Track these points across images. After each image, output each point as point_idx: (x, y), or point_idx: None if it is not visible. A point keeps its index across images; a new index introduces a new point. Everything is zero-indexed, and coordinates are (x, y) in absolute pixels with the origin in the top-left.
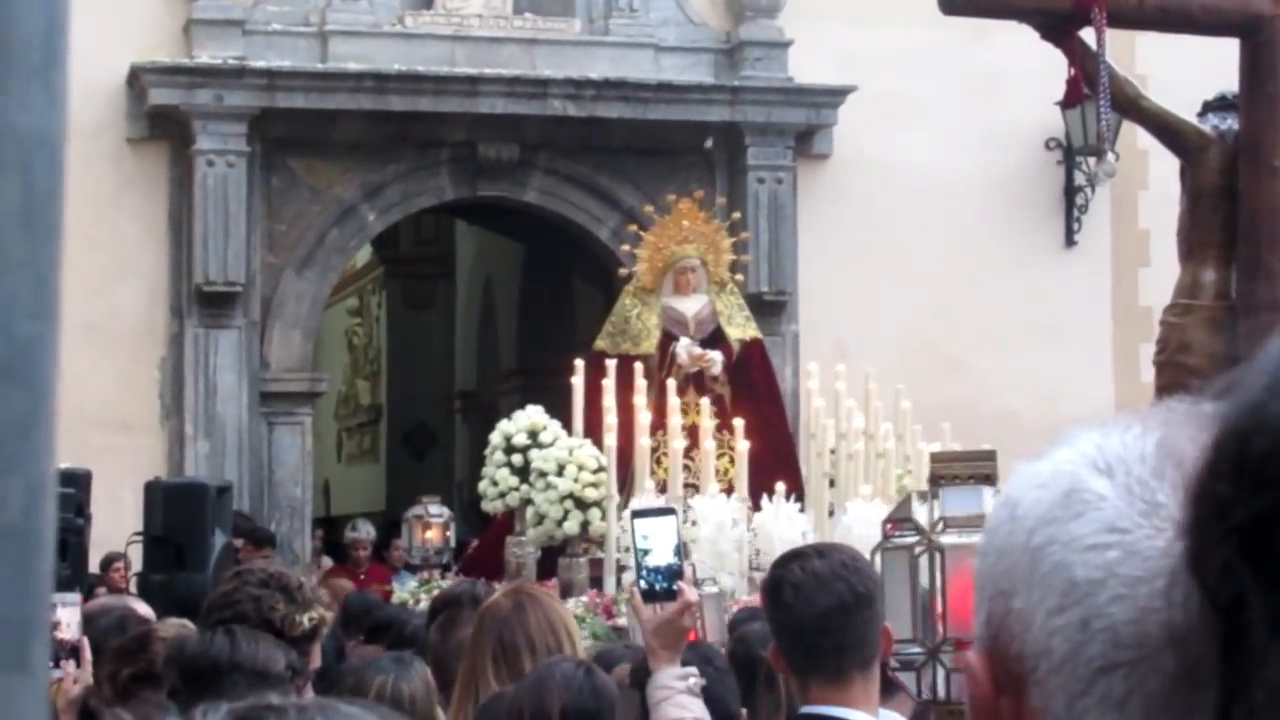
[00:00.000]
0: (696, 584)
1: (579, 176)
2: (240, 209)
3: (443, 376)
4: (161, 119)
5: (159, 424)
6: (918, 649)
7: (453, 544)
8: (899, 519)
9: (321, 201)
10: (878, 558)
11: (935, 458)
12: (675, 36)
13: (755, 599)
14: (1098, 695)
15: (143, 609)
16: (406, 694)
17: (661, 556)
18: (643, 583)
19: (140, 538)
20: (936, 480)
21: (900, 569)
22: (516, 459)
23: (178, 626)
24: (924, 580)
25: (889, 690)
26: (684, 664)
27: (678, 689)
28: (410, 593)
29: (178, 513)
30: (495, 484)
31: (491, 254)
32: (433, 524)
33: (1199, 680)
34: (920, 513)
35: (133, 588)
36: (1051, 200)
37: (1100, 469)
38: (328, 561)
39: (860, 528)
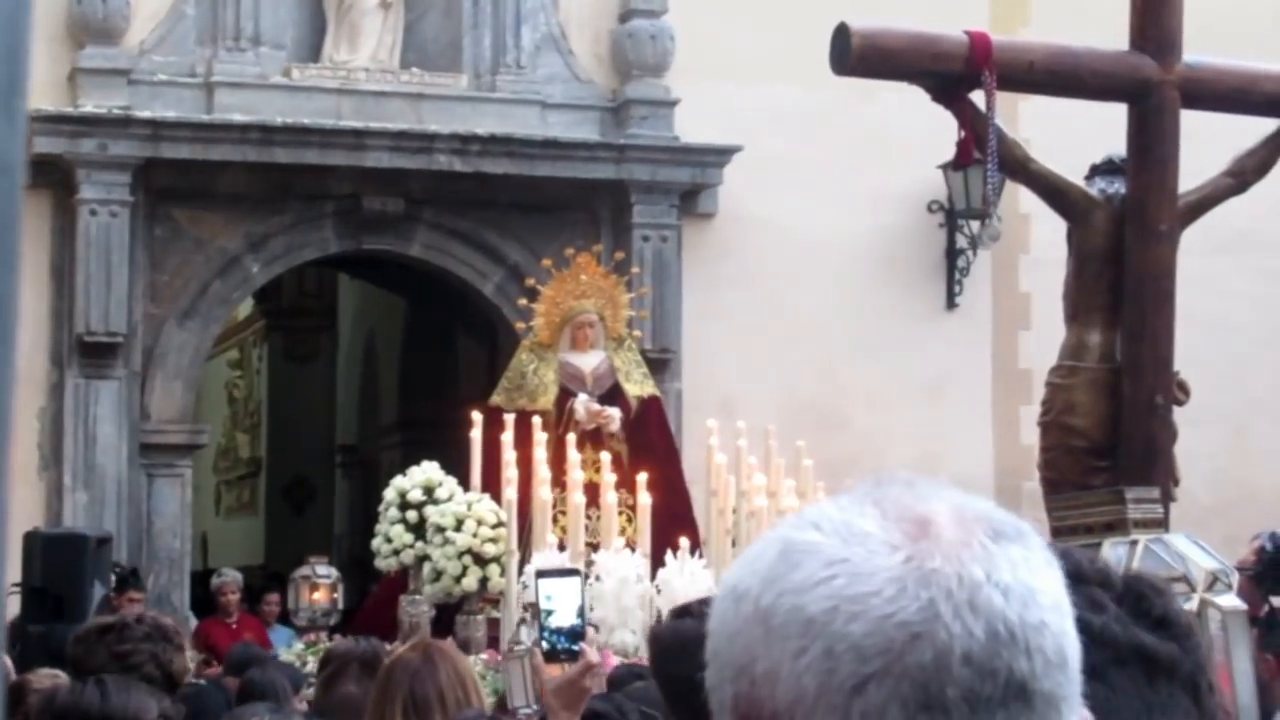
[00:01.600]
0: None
1: (464, 231)
2: (123, 259)
3: (323, 430)
4: (45, 167)
5: (37, 474)
6: None
7: (340, 605)
8: None
9: (205, 252)
10: None
11: None
12: (562, 94)
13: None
14: (856, 715)
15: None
16: None
17: (565, 617)
18: (545, 643)
19: (18, 588)
20: None
21: None
22: (411, 515)
23: (50, 677)
24: None
25: None
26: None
27: None
28: (297, 654)
29: (57, 563)
30: (389, 540)
31: (374, 308)
32: (320, 584)
33: None
34: None
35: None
36: (933, 262)
37: (805, 527)
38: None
39: None
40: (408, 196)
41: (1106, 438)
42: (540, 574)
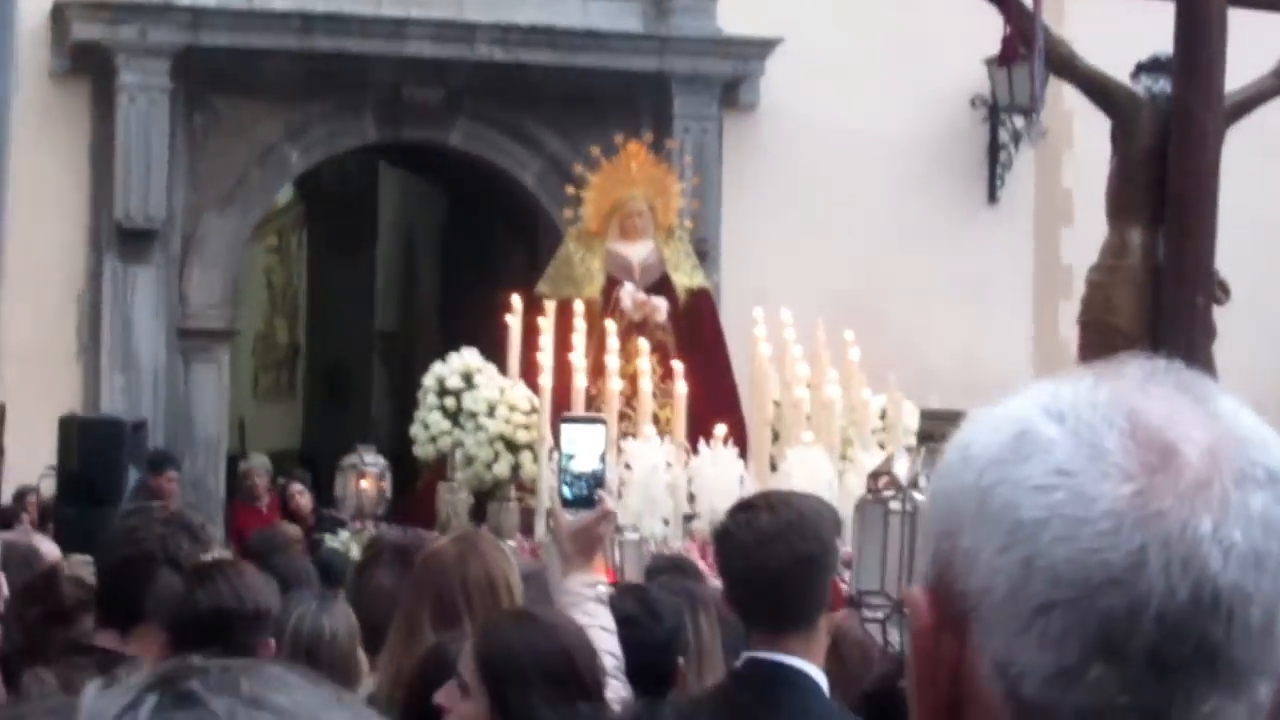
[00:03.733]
0: (618, 530)
1: (504, 122)
2: (162, 146)
3: (362, 318)
4: (84, 54)
5: (75, 359)
6: (884, 602)
7: (388, 494)
8: (883, 473)
9: (244, 140)
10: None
11: (925, 415)
12: None
13: (686, 545)
14: (1035, 633)
15: (47, 547)
16: (327, 629)
17: (586, 464)
18: (566, 489)
19: (54, 471)
20: (923, 438)
21: (876, 523)
22: (449, 402)
23: (83, 564)
24: (896, 535)
25: None
26: (616, 606)
27: (587, 595)
28: (342, 542)
29: (93, 447)
30: (427, 427)
31: (414, 197)
32: (368, 473)
33: None
34: (900, 469)
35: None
36: (975, 157)
37: (1052, 415)
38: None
39: (799, 474)
40: (447, 86)
41: (1146, 336)
42: (564, 419)
